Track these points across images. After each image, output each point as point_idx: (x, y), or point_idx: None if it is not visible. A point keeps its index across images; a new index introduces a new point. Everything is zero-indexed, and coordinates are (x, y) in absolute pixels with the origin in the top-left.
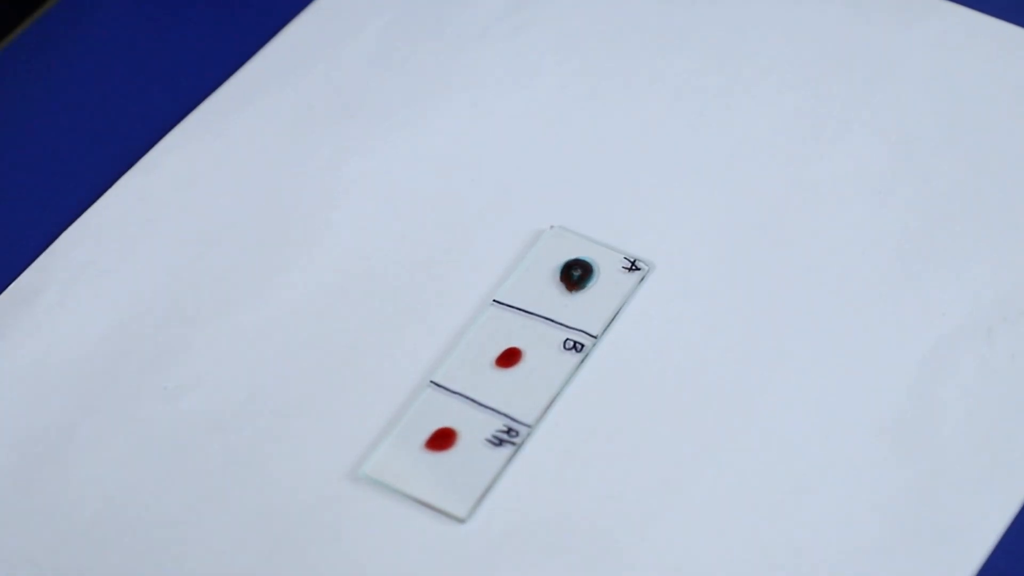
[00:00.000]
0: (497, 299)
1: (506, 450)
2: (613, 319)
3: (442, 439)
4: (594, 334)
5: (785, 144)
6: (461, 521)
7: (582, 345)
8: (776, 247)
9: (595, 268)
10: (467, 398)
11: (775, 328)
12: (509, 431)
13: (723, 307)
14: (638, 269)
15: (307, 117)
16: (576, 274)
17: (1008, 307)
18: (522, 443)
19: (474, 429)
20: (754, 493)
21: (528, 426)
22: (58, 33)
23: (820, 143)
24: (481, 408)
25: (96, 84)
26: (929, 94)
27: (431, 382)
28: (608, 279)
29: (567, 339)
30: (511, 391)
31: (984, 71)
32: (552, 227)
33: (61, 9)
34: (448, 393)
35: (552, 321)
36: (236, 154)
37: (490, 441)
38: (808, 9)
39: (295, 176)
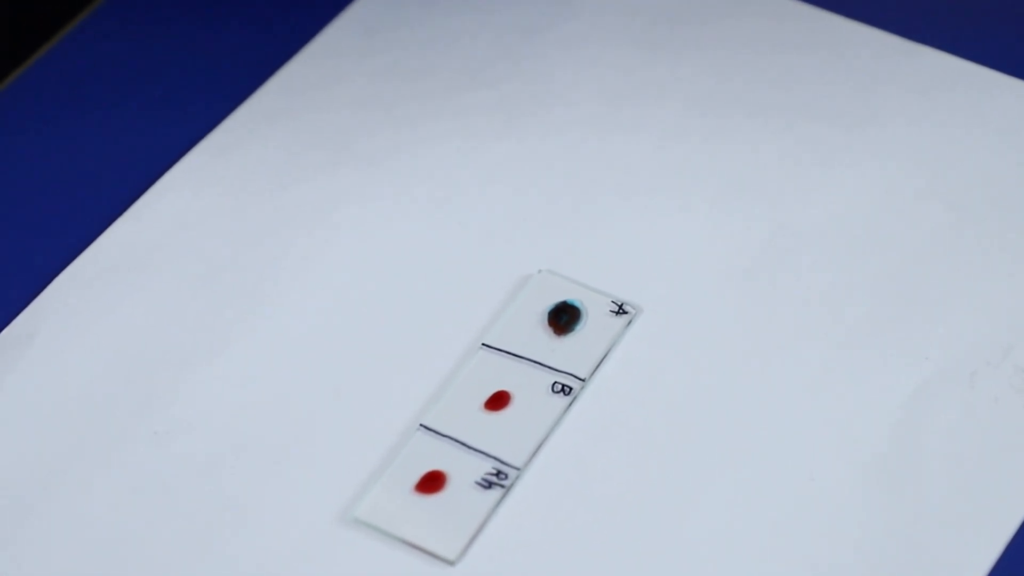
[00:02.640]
0: (486, 343)
1: (496, 492)
2: (601, 362)
3: (432, 482)
4: (582, 377)
5: (769, 189)
6: (451, 563)
7: (570, 388)
8: (761, 291)
9: (583, 312)
10: (457, 441)
11: (760, 371)
12: (498, 474)
13: (709, 350)
14: (625, 312)
15: (297, 162)
16: (564, 318)
17: (990, 351)
18: (511, 485)
19: (464, 472)
20: (740, 535)
21: (517, 469)
22: (49, 79)
23: (804, 189)
24: (471, 451)
25: (87, 130)
26: (911, 140)
27: (421, 425)
28: (596, 322)
29: (555, 382)
30: (500, 434)
31: (966, 117)
32: (540, 271)
33: (53, 54)
34: (438, 436)
35: (540, 364)
36: (226, 199)
37: (480, 484)
38: (792, 56)
39: (285, 221)
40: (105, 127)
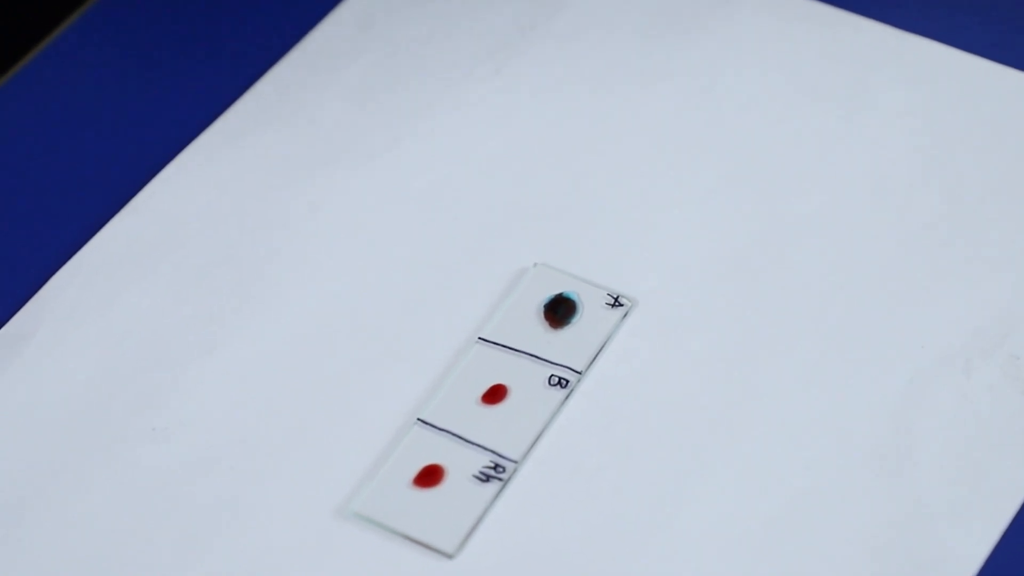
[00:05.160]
0: (482, 336)
1: (493, 486)
2: (597, 355)
3: (430, 476)
4: (578, 370)
5: (765, 180)
6: (450, 557)
7: (567, 381)
8: (757, 282)
9: (578, 305)
10: (454, 435)
11: (756, 362)
12: (496, 467)
13: (705, 341)
14: (621, 305)
15: (291, 158)
16: (560, 311)
17: (985, 339)
18: (509, 479)
19: (461, 466)
20: (739, 525)
21: (515, 462)
22: (45, 77)
23: (799, 178)
24: (468, 445)
25: (83, 127)
26: (905, 129)
27: (418, 420)
28: (592, 315)
29: (552, 375)
30: (497, 427)
31: (958, 106)
32: (536, 264)
33: (49, 53)
34: (435, 430)
35: (537, 358)
36: (222, 196)
37: (477, 477)
38: (785, 47)
39: (280, 217)
40: (101, 124)
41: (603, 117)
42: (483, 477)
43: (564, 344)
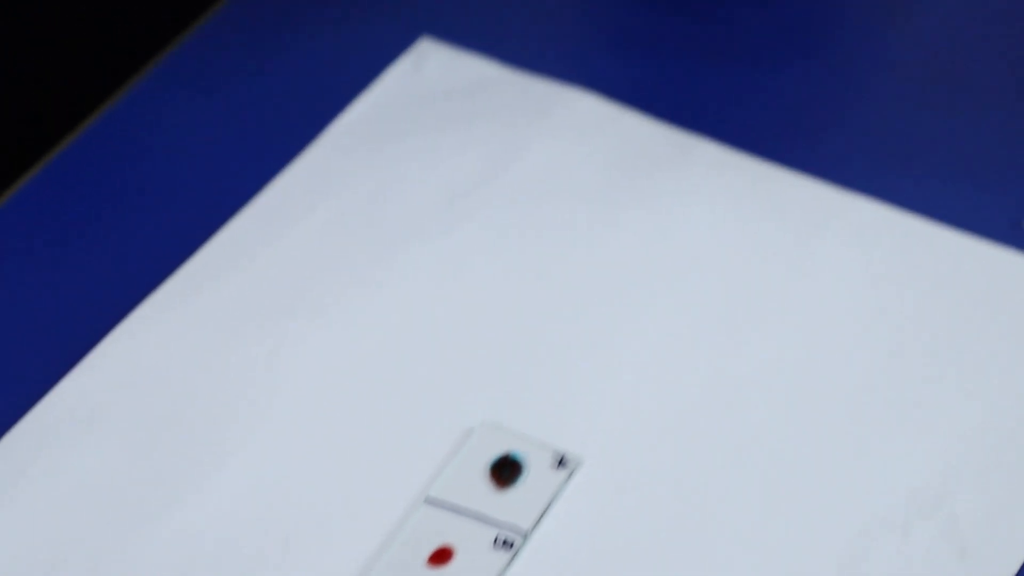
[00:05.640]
0: (429, 497)
1: None
2: (543, 515)
3: None
4: (524, 530)
5: (710, 337)
6: None
7: (512, 542)
8: (700, 440)
9: (524, 464)
10: None
11: (700, 521)
12: None
13: (650, 501)
14: (566, 465)
15: (245, 312)
16: (505, 472)
17: (923, 500)
18: None
19: None
20: None
21: None
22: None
23: (744, 336)
24: None
25: (36, 282)
26: (847, 289)
27: None
28: (538, 475)
29: (497, 536)
30: None
31: (899, 266)
32: (482, 423)
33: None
34: None
35: (483, 518)
36: (178, 350)
37: None
38: (734, 206)
39: (235, 371)
40: (53, 278)
41: (551, 274)
42: None
43: (510, 504)
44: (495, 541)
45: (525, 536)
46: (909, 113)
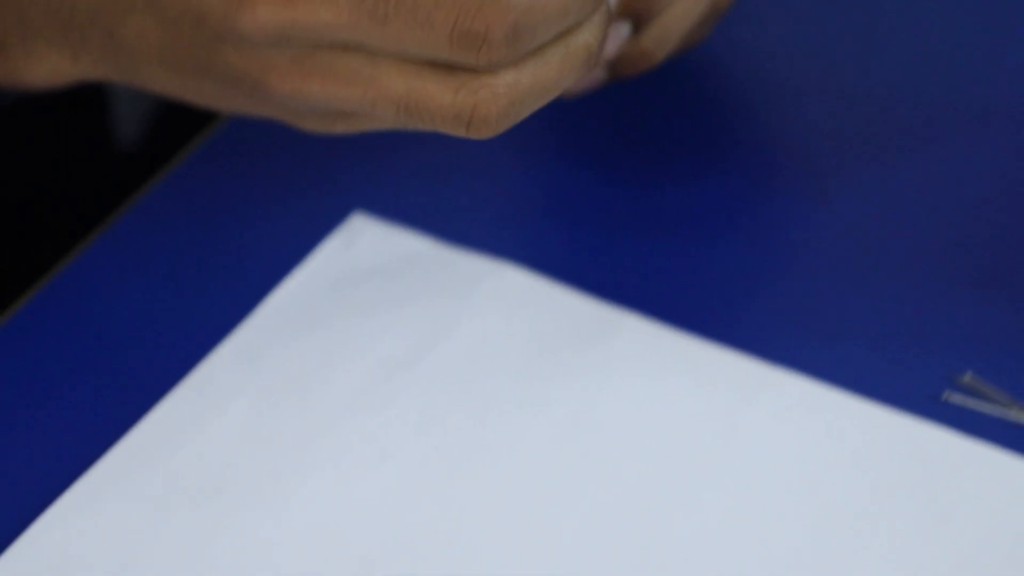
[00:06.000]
0: None
1: None
2: None
3: None
4: None
5: (635, 512)
6: None
7: None
8: None
9: None
10: None
11: None
12: None
13: None
14: None
15: (175, 497)
16: None
17: None
18: None
19: None
20: None
21: None
22: None
23: (668, 512)
24: None
25: None
26: (769, 463)
27: None
28: None
29: None
30: None
31: (824, 440)
32: None
33: None
34: None
35: None
36: (107, 540)
37: None
38: (659, 380)
39: (166, 558)
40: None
41: (485, 452)
42: None
43: None
44: None
45: None
46: (833, 289)
